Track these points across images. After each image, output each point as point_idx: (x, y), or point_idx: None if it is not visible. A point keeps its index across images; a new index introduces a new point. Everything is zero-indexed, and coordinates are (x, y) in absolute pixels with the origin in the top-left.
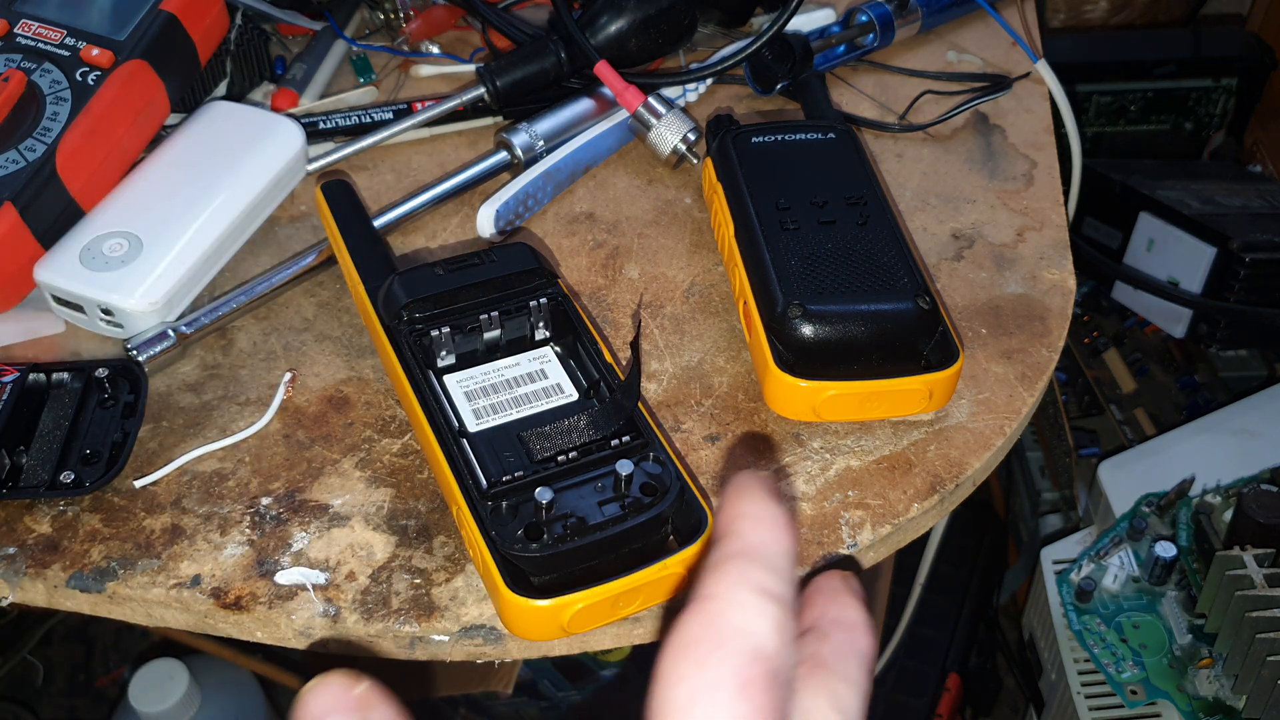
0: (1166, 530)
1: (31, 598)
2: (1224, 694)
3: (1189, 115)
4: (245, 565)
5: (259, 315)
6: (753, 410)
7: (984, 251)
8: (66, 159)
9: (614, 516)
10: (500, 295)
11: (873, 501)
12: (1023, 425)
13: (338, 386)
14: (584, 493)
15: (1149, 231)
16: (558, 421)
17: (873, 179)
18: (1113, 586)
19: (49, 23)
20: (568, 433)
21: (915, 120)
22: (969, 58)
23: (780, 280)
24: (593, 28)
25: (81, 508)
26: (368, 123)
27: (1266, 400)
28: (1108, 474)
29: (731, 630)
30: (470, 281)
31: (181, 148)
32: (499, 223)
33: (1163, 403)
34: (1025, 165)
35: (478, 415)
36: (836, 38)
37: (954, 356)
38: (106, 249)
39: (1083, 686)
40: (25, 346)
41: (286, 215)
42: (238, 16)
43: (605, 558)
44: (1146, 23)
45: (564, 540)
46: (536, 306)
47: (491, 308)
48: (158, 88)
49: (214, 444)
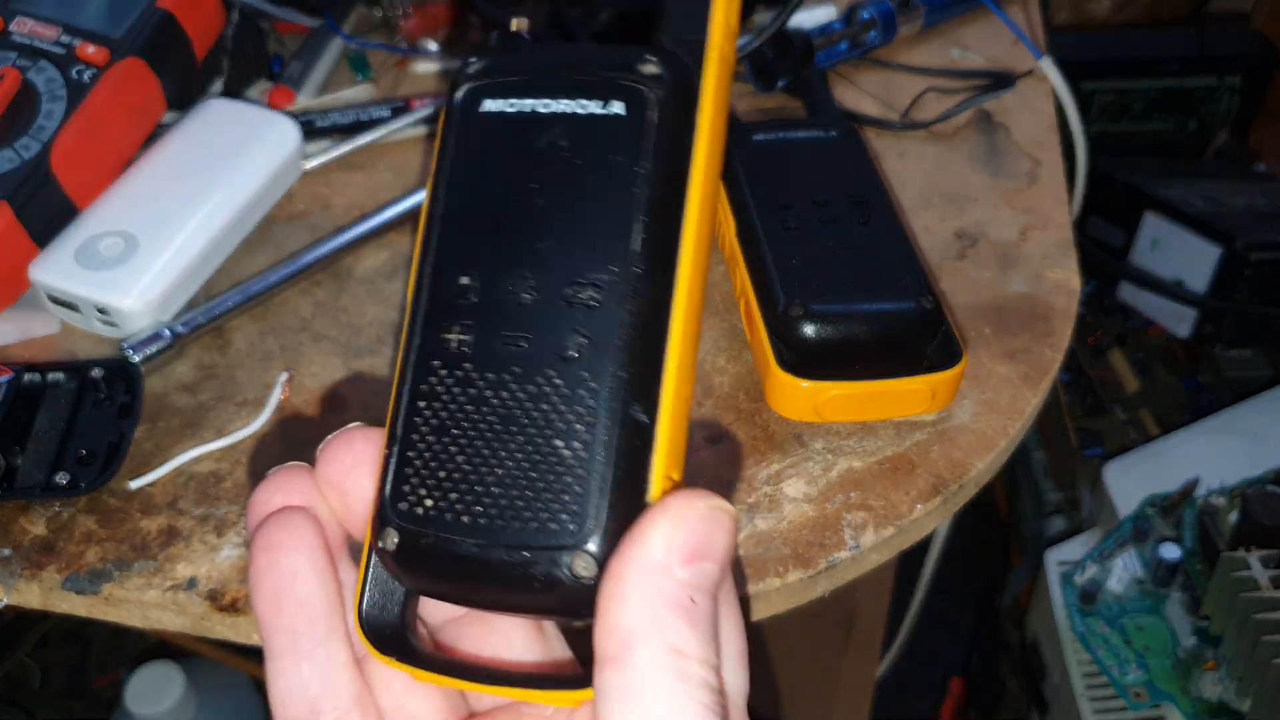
0: (1171, 532)
1: (27, 600)
2: (1229, 697)
3: (1193, 114)
4: (242, 567)
5: (255, 315)
6: (754, 411)
7: (987, 251)
8: (62, 157)
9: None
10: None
11: (875, 503)
12: (1027, 426)
13: (335, 387)
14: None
15: (1153, 231)
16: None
17: (875, 177)
18: (1117, 588)
19: (44, 20)
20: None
21: (918, 118)
22: (972, 55)
23: (782, 280)
24: (593, 25)
25: (77, 509)
26: (365, 120)
27: (1272, 401)
28: (1112, 475)
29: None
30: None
31: (177, 146)
32: None
33: (1167, 403)
34: (1029, 164)
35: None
36: (838, 35)
37: (957, 357)
38: (102, 248)
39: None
40: (20, 346)
41: (283, 214)
42: (234, 13)
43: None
44: (1150, 20)
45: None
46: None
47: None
48: (154, 85)
49: (210, 445)
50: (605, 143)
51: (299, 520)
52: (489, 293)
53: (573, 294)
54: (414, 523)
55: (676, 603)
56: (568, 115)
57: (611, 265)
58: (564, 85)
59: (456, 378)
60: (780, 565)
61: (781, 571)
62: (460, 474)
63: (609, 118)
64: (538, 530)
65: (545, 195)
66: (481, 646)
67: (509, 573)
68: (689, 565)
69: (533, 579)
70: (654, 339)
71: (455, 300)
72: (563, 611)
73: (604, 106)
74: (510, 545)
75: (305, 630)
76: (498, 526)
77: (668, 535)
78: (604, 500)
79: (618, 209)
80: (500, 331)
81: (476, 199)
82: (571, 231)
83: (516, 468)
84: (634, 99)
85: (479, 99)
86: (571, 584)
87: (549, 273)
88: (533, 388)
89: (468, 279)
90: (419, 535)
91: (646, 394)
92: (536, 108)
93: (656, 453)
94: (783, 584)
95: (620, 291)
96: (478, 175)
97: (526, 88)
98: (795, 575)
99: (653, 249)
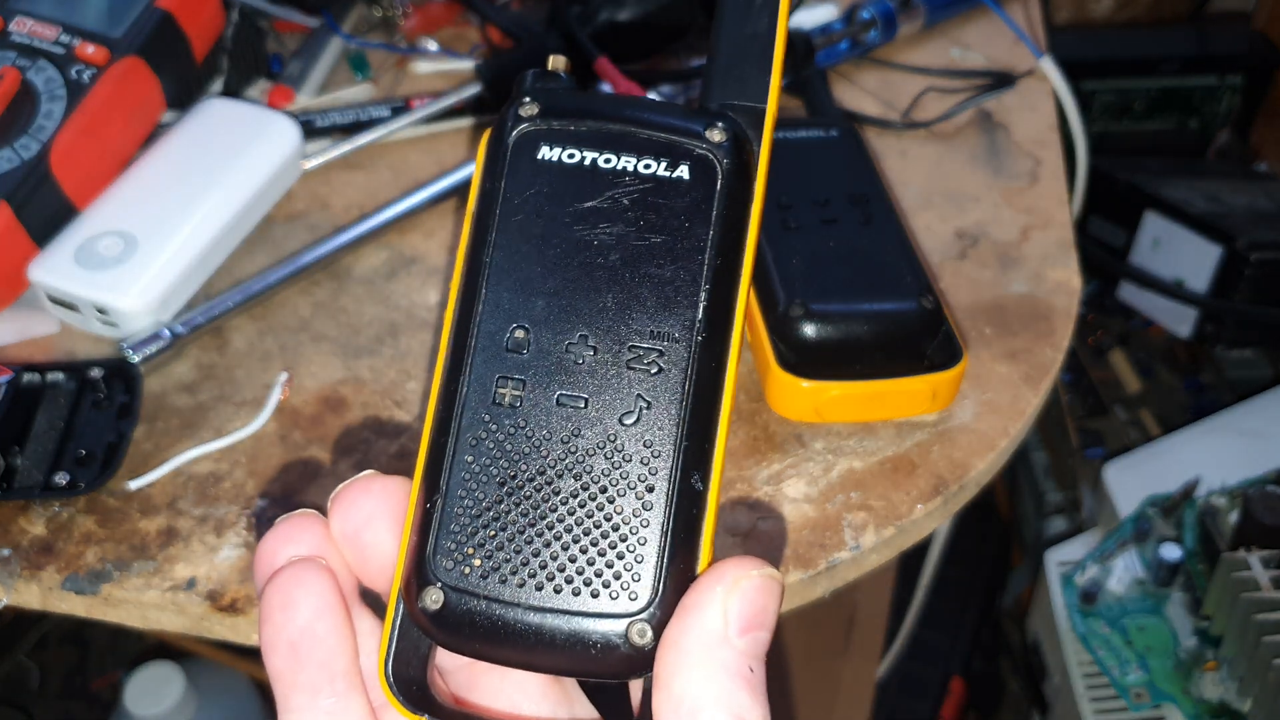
0: (1172, 532)
1: (26, 600)
2: (1229, 697)
3: (1194, 113)
4: (241, 568)
5: (255, 315)
6: (754, 411)
7: (988, 250)
8: (61, 157)
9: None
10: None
11: (876, 503)
12: (1027, 426)
13: (334, 387)
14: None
15: (1154, 231)
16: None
17: (875, 177)
18: (1118, 589)
19: (44, 20)
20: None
21: (918, 118)
22: (973, 54)
23: (782, 279)
24: (592, 24)
25: (76, 509)
26: (364, 120)
27: (1273, 401)
28: (1113, 476)
29: None
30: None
31: (177, 146)
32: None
33: (1168, 403)
34: (1030, 163)
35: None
36: (839, 34)
37: (958, 357)
38: (101, 248)
39: (1087, 690)
40: (19, 347)
41: (283, 213)
42: (234, 13)
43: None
44: (1151, 20)
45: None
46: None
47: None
48: (153, 85)
49: (209, 445)
50: (672, 207)
51: (314, 576)
52: (544, 347)
53: (634, 356)
54: (460, 583)
55: (738, 672)
56: (632, 173)
57: (676, 330)
58: (628, 141)
59: (508, 432)
60: (780, 566)
61: (782, 572)
62: (511, 534)
63: (676, 181)
64: (594, 597)
65: (606, 253)
66: (497, 695)
67: (560, 639)
68: (746, 635)
69: (588, 646)
70: (711, 406)
71: (506, 351)
72: (609, 675)
73: (671, 169)
74: (563, 611)
75: (325, 687)
76: (551, 591)
77: (725, 605)
78: (662, 569)
79: (684, 275)
80: (557, 389)
81: (531, 248)
82: (634, 293)
83: (571, 531)
84: (702, 166)
85: (536, 144)
86: (626, 651)
87: (609, 332)
88: (591, 449)
89: (521, 331)
90: (465, 597)
91: (702, 462)
92: (598, 161)
93: (707, 519)
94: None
95: (684, 357)
96: (533, 224)
97: (585, 138)
98: (795, 576)
99: (714, 315)
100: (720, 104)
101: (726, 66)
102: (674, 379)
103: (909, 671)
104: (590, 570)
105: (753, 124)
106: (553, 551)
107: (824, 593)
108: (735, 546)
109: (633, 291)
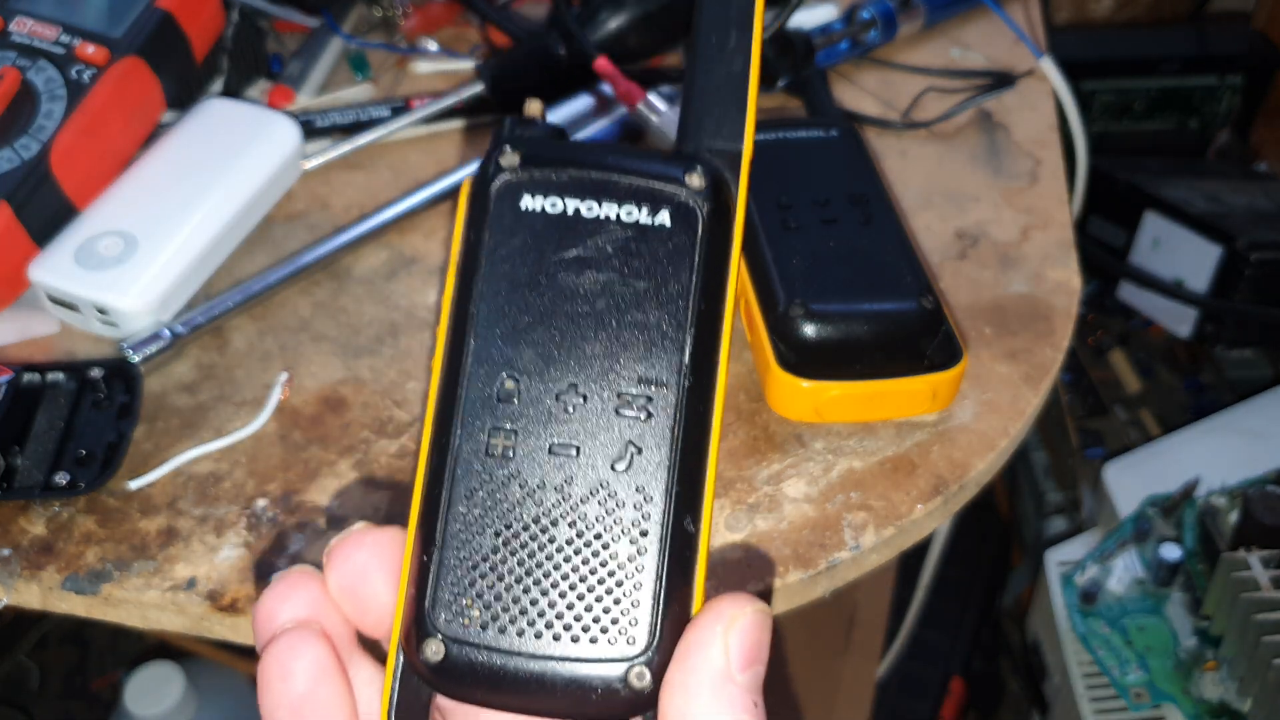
0: (1172, 532)
1: (26, 600)
2: (1229, 697)
3: (1194, 113)
4: (241, 568)
5: (255, 315)
6: (754, 411)
7: (988, 250)
8: (61, 157)
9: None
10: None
11: (876, 503)
12: (1027, 426)
13: (334, 387)
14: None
15: (1154, 230)
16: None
17: (875, 177)
18: (1117, 589)
19: (44, 20)
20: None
21: (918, 118)
22: (973, 54)
23: (782, 279)
24: (592, 23)
25: (76, 509)
26: (365, 120)
27: (1273, 401)
28: (1113, 475)
29: None
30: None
31: (177, 146)
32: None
33: (1168, 403)
34: (1029, 163)
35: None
36: (839, 34)
37: (958, 357)
38: (101, 248)
39: (1087, 690)
40: (19, 347)
41: (283, 214)
42: (234, 13)
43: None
44: (1151, 20)
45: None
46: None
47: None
48: (153, 85)
49: (209, 445)
50: (654, 254)
51: (309, 644)
52: (534, 396)
53: (623, 403)
54: (459, 635)
55: (744, 708)
56: (613, 221)
57: (663, 375)
58: (608, 189)
59: (501, 482)
60: (780, 566)
61: (782, 572)
62: (508, 584)
63: (657, 228)
64: (593, 643)
65: (591, 300)
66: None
67: (561, 685)
68: (747, 670)
69: (588, 691)
70: (700, 447)
71: (496, 401)
72: (610, 718)
73: (652, 216)
74: (563, 658)
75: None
76: (550, 639)
77: (725, 642)
78: (658, 613)
79: (669, 321)
80: (549, 437)
81: (517, 297)
82: (621, 339)
83: (568, 579)
84: (682, 212)
85: (518, 193)
86: (626, 695)
87: (597, 380)
88: (584, 497)
89: (511, 381)
90: (466, 648)
91: (693, 504)
92: (580, 210)
93: (699, 560)
94: (783, 584)
95: (672, 403)
96: (518, 273)
97: (568, 187)
98: (795, 576)
99: (699, 360)
100: (697, 147)
101: (702, 109)
102: (663, 424)
103: (909, 671)
104: (588, 617)
105: (729, 165)
106: (550, 600)
107: (824, 593)
108: (735, 547)
109: (619, 338)
